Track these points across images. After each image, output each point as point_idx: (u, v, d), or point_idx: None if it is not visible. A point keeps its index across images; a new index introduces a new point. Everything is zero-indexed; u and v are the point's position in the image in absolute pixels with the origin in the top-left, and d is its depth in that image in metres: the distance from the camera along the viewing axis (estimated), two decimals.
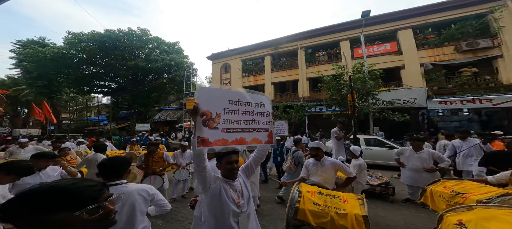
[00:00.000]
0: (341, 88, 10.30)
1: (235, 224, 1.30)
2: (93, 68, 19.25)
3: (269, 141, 1.51)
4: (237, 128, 1.33)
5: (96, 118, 24.95)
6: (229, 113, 1.28)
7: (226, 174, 1.41)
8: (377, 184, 4.08)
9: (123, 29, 18.01)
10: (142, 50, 19.09)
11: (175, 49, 20.59)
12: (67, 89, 22.19)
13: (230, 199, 1.32)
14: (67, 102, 26.32)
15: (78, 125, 24.52)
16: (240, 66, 17.93)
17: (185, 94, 16.03)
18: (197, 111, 1.16)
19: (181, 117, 18.82)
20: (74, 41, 17.52)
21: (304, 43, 16.10)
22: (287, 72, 16.47)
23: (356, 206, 1.97)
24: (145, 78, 20.02)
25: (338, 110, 11.65)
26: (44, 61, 17.58)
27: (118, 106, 22.07)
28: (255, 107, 1.43)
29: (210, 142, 1.18)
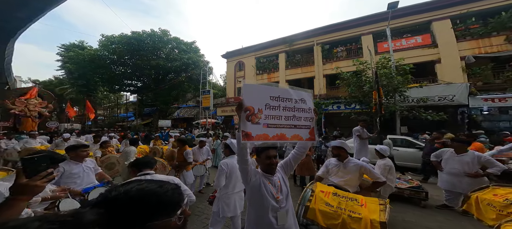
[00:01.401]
0: (363, 85, 9.19)
1: (274, 219, 1.27)
2: (122, 68, 20.43)
3: (310, 138, 1.43)
4: (278, 124, 1.30)
5: (125, 114, 26.94)
6: (270, 109, 1.27)
7: (265, 169, 1.39)
8: (406, 187, 3.72)
9: (147, 31, 18.80)
10: (163, 50, 19.65)
11: (192, 48, 20.86)
12: (101, 88, 23.91)
13: (269, 194, 1.31)
14: (102, 100, 28.73)
15: (111, 121, 26.65)
16: (254, 64, 17.41)
17: (201, 92, 16.14)
18: (242, 107, 1.17)
19: (198, 114, 19.09)
20: (107, 43, 18.78)
21: (320, 39, 14.98)
22: (302, 70, 15.48)
23: (375, 211, 1.78)
24: (166, 77, 20.66)
25: (358, 108, 10.42)
26: (83, 63, 19.09)
27: (143, 103, 23.16)
28: (296, 103, 1.38)
29: (253, 136, 1.19)
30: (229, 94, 18.39)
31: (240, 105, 1.18)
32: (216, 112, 17.91)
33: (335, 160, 2.51)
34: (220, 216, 2.19)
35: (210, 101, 15.14)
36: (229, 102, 17.47)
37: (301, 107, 1.40)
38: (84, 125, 20.97)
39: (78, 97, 22.70)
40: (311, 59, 15.23)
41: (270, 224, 1.27)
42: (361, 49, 13.49)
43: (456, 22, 11.19)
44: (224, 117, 17.60)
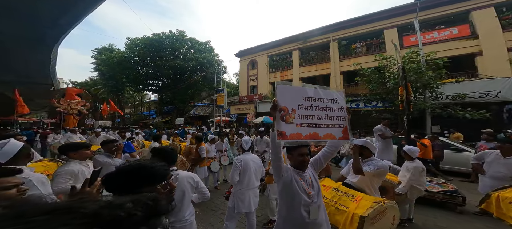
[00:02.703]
0: (386, 81, 8.13)
1: (306, 213, 1.28)
2: (145, 69, 21.05)
3: (344, 136, 1.42)
4: (311, 123, 1.31)
5: (148, 112, 28.42)
6: (303, 109, 1.29)
7: (297, 165, 1.39)
8: (439, 191, 3.37)
9: (165, 32, 19.09)
10: (180, 50, 19.84)
11: (207, 48, 20.78)
12: (128, 87, 25.06)
13: (301, 189, 1.31)
14: (128, 98, 30.66)
15: (136, 118, 28.31)
16: (267, 62, 16.75)
17: (215, 90, 16.13)
18: (276, 107, 1.20)
19: (212, 112, 19.21)
20: (132, 46, 19.46)
21: (337, 35, 13.86)
22: (317, 67, 14.50)
23: (364, 207, 1.70)
24: (183, 76, 20.82)
25: (380, 106, 9.31)
26: (112, 65, 20.07)
27: (163, 102, 23.79)
28: (328, 103, 1.38)
29: (287, 135, 1.21)
30: (242, 93, 18.00)
31: (275, 105, 1.19)
32: (230, 110, 17.78)
33: None
34: (235, 211, 2.22)
35: (224, 99, 14.96)
36: (242, 101, 17.16)
37: (333, 106, 1.38)
38: (114, 122, 22.58)
39: (109, 96, 24.47)
40: (327, 56, 14.18)
41: (302, 218, 1.28)
42: (383, 44, 12.14)
43: (502, 11, 9.39)
44: (237, 115, 17.37)
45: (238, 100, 17.90)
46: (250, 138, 3.35)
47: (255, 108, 15.61)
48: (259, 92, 16.57)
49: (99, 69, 23.11)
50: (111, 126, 18.17)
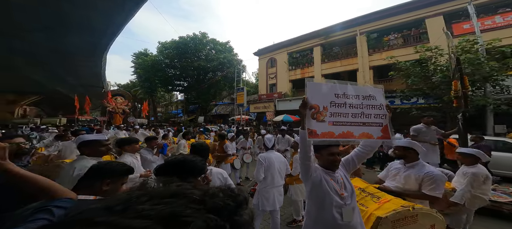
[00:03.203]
0: (431, 75, 6.88)
1: (338, 215, 1.19)
2: (173, 70, 22.18)
3: (383, 136, 1.28)
4: (344, 121, 1.21)
5: (176, 111, 30.62)
6: (335, 106, 1.21)
7: (327, 165, 1.30)
8: (508, 201, 2.80)
9: (190, 35, 19.91)
10: (202, 51, 20.42)
11: (227, 48, 20.93)
12: (159, 88, 26.96)
13: (333, 190, 1.22)
14: (159, 99, 33.57)
15: (166, 117, 30.81)
16: (286, 59, 16.05)
17: (235, 89, 16.29)
18: (306, 105, 1.15)
19: (233, 111, 19.50)
20: (162, 49, 20.77)
21: (365, 28, 12.44)
22: (341, 62, 13.28)
23: (387, 209, 1.42)
24: (205, 76, 21.38)
25: (422, 103, 7.94)
26: (147, 68, 21.64)
27: (188, 101, 25.03)
28: (364, 100, 1.26)
29: (318, 134, 1.15)
30: (261, 91, 17.66)
31: (305, 103, 1.15)
32: (249, 109, 17.77)
33: (399, 162, 1.99)
34: (259, 209, 2.19)
35: (244, 98, 14.87)
36: (261, 99, 16.92)
37: (371, 103, 1.28)
38: (149, 120, 24.95)
39: (145, 97, 27.16)
40: (353, 50, 12.87)
41: (334, 219, 1.19)
42: (424, 34, 10.40)
43: None
44: (257, 114, 17.24)
45: (257, 98, 17.72)
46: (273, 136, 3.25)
47: (275, 106, 15.19)
48: (279, 90, 16.05)
49: (137, 72, 25.41)
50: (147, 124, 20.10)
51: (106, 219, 0.20)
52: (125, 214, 0.21)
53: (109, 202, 0.23)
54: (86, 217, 0.21)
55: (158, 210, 0.21)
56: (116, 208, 0.22)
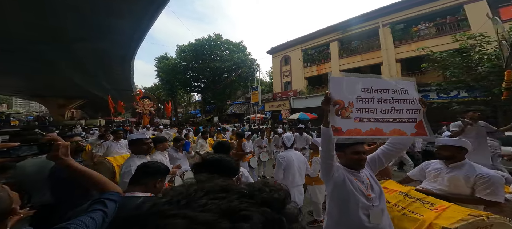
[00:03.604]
0: (476, 65, 5.88)
1: (365, 216, 1.09)
2: (191, 72, 22.70)
3: (418, 132, 1.15)
4: (372, 118, 1.10)
5: (194, 111, 31.93)
6: (362, 101, 1.10)
7: (351, 164, 1.18)
8: None
9: (205, 37, 20.21)
10: (217, 52, 20.62)
11: (240, 48, 20.84)
12: (179, 90, 28.04)
13: (358, 190, 1.11)
14: (179, 100, 35.39)
15: (186, 117, 32.33)
16: (301, 56, 15.35)
17: (250, 89, 16.23)
18: (330, 101, 1.06)
19: (247, 110, 19.50)
20: (180, 52, 21.41)
21: (388, 20, 11.26)
22: (362, 57, 12.22)
23: (452, 218, 1.13)
24: (220, 77, 21.57)
25: (465, 96, 6.81)
26: (168, 71, 22.52)
27: (205, 102, 25.74)
28: (394, 94, 1.13)
29: (343, 131, 1.06)
30: (276, 90, 17.21)
31: (328, 99, 1.05)
32: (264, 107, 17.57)
33: (439, 162, 1.75)
34: None
35: (258, 97, 14.66)
36: (276, 98, 16.54)
37: (402, 98, 1.14)
38: (171, 120, 26.45)
39: (167, 98, 28.88)
40: (375, 43, 11.75)
41: (360, 221, 1.08)
42: (464, 21, 9.06)
43: None
44: (272, 112, 16.95)
45: (272, 97, 17.42)
46: (291, 134, 3.09)
47: (290, 104, 14.72)
48: (294, 88, 15.48)
49: (159, 75, 27.03)
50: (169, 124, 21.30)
51: (178, 211, 0.21)
52: (192, 208, 0.21)
53: (173, 197, 0.23)
54: (161, 210, 0.22)
55: (217, 204, 0.21)
56: (182, 202, 0.22)
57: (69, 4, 5.37)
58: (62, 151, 0.75)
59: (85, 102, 23.07)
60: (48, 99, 18.92)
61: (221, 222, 0.19)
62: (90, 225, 0.63)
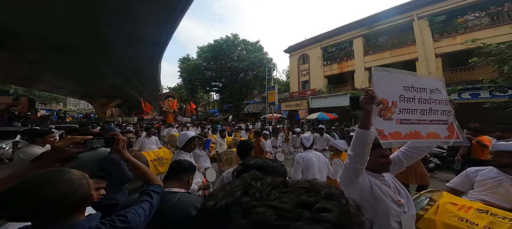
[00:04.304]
0: None
1: (397, 224, 0.95)
2: (210, 72, 22.94)
3: (450, 135, 1.03)
4: (412, 119, 0.98)
5: (212, 110, 32.91)
6: (404, 101, 0.97)
7: (376, 168, 1.05)
8: None
9: (223, 37, 20.26)
10: (235, 52, 20.48)
11: (257, 47, 20.46)
12: (199, 90, 28.94)
13: (388, 196, 0.97)
14: (199, 99, 36.81)
15: (205, 116, 33.46)
16: (320, 54, 14.28)
17: (266, 88, 15.89)
18: (373, 99, 0.89)
19: (264, 109, 19.22)
20: (201, 53, 21.84)
21: (425, 12, 9.73)
22: (392, 53, 10.81)
23: None
24: (238, 76, 21.42)
25: None
26: (190, 71, 23.21)
27: (223, 101, 25.98)
28: (431, 94, 1.03)
29: (386, 134, 0.91)
30: (293, 89, 16.38)
31: (371, 97, 0.88)
32: (280, 107, 17.07)
33: (493, 170, 1.48)
34: None
35: (275, 96, 14.15)
36: (293, 97, 15.89)
37: (438, 98, 1.04)
38: (192, 119, 27.67)
39: (189, 98, 30.29)
40: (409, 38, 10.27)
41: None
42: None
43: None
44: (288, 112, 16.36)
45: (288, 96, 16.78)
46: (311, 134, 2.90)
47: (308, 104, 13.95)
48: (312, 87, 14.60)
49: (182, 76, 28.43)
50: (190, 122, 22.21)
51: (258, 202, 0.20)
52: (269, 199, 0.21)
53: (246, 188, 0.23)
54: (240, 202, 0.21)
55: (290, 197, 0.21)
56: (256, 195, 0.22)
57: (112, 18, 5.83)
58: (121, 145, 0.86)
59: (121, 102, 25.47)
60: (94, 99, 21.42)
61: (303, 212, 0.19)
62: (141, 214, 0.71)
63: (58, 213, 0.57)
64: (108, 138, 0.86)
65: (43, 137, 2.07)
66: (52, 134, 2.25)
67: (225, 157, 3.54)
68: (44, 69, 10.75)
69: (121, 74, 12.76)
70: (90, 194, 0.64)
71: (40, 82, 14.88)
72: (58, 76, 12.56)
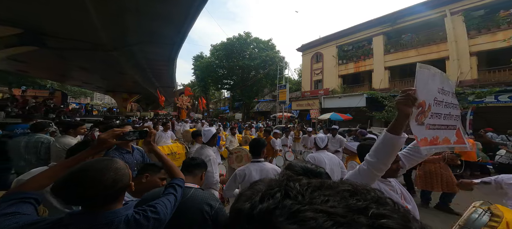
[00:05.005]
0: None
1: None
2: (222, 70, 22.91)
3: (458, 141, 0.97)
4: (437, 124, 0.89)
5: (223, 107, 33.19)
6: (437, 105, 0.87)
7: (387, 173, 0.94)
8: None
9: (236, 35, 19.95)
10: (247, 51, 20.09)
11: (269, 46, 19.95)
12: (211, 87, 29.01)
13: None
14: (211, 96, 37.37)
15: (216, 113, 33.89)
16: (335, 53, 13.50)
17: (278, 86, 15.47)
18: (415, 101, 0.74)
19: (274, 108, 18.82)
20: (214, 51, 21.82)
21: (459, 7, 8.58)
22: (418, 51, 9.72)
23: None
24: (249, 75, 21.08)
25: None
26: (203, 69, 23.30)
27: (234, 99, 26.08)
28: (452, 97, 0.94)
29: (418, 140, 0.81)
30: (305, 88, 15.68)
31: (414, 99, 0.73)
32: (291, 106, 16.56)
33: None
34: None
35: (286, 95, 13.71)
36: (305, 96, 15.30)
37: (455, 102, 0.96)
38: (203, 115, 28.20)
39: (201, 95, 30.84)
40: (439, 34, 9.17)
41: None
42: None
43: None
44: (299, 111, 15.80)
45: (300, 95, 16.20)
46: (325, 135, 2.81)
47: (320, 104, 13.30)
48: (325, 86, 13.88)
49: (196, 73, 28.97)
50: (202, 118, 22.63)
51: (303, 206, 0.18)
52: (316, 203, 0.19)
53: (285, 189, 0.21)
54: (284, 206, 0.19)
55: (339, 201, 0.19)
56: (298, 198, 0.20)
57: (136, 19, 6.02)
58: (153, 138, 0.92)
59: (140, 97, 26.74)
60: (116, 94, 22.72)
61: (359, 218, 0.17)
62: (168, 206, 0.75)
63: (106, 199, 0.62)
64: (142, 131, 0.88)
65: (75, 128, 2.25)
66: (83, 126, 2.44)
67: (235, 154, 3.45)
68: (75, 66, 11.53)
69: (141, 71, 13.22)
70: (130, 183, 0.68)
71: (71, 78, 16.06)
72: (87, 73, 13.40)
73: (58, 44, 7.50)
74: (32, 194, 0.62)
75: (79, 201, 0.61)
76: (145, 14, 5.89)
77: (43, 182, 0.66)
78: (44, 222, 0.57)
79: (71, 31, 6.61)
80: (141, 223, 0.65)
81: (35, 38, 6.73)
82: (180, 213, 0.87)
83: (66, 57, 9.51)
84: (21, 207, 0.58)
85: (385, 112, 8.09)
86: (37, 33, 6.57)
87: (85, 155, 0.74)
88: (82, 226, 0.58)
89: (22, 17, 5.56)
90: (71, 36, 6.95)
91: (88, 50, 8.09)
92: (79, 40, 7.29)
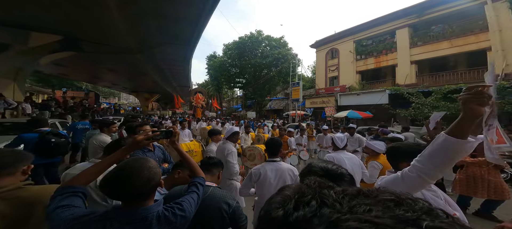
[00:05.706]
0: None
1: None
2: (234, 69, 22.83)
3: (499, 140, 0.89)
4: (493, 124, 0.82)
5: (236, 106, 33.47)
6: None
7: None
8: None
9: (247, 34, 19.77)
10: (258, 49, 19.83)
11: (281, 43, 19.45)
12: (224, 86, 29.27)
13: None
14: (224, 95, 37.92)
15: (229, 111, 34.36)
16: (353, 48, 12.64)
17: (291, 84, 15.09)
18: (490, 99, 0.64)
19: (287, 106, 18.45)
20: (226, 50, 21.85)
21: None
22: (452, 42, 8.63)
23: None
24: (261, 73, 20.82)
25: None
26: (216, 68, 23.57)
27: (246, 97, 25.79)
28: (494, 91, 0.78)
29: (494, 143, 0.80)
30: (320, 85, 14.99)
31: (488, 96, 0.63)
32: (305, 104, 16.06)
33: None
34: None
35: (299, 93, 13.21)
36: (319, 94, 14.70)
37: (495, 96, 0.84)
38: (217, 114, 28.80)
39: (214, 94, 31.46)
40: (478, 24, 8.06)
41: None
42: None
43: None
44: (313, 109, 15.27)
45: (314, 93, 15.62)
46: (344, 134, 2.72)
47: (336, 101, 12.66)
48: (341, 83, 13.18)
49: (209, 72, 29.06)
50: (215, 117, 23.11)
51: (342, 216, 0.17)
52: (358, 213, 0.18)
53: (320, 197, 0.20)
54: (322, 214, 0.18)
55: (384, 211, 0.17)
56: (336, 206, 0.19)
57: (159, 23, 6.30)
58: (177, 138, 0.98)
59: (159, 97, 28.26)
60: (139, 94, 24.33)
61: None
62: (192, 204, 0.78)
63: (140, 196, 0.66)
64: (168, 131, 0.92)
65: (109, 127, 2.37)
66: (115, 125, 2.57)
67: (248, 153, 3.47)
68: (105, 68, 12.55)
69: (161, 71, 13.90)
70: (161, 181, 0.72)
71: (102, 79, 17.53)
72: (115, 74, 14.51)
73: (92, 49, 8.19)
74: (80, 188, 0.67)
75: (118, 196, 0.66)
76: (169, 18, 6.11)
77: (89, 177, 0.72)
78: (94, 215, 0.62)
79: (103, 37, 7.09)
80: (170, 219, 0.68)
81: (73, 43, 7.40)
82: (200, 212, 0.88)
83: (98, 61, 10.30)
84: (73, 200, 0.63)
85: (412, 110, 7.38)
86: (75, 39, 7.16)
87: (123, 153, 0.78)
88: (122, 219, 0.62)
89: (63, 25, 6.10)
90: (103, 41, 7.48)
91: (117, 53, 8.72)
92: (110, 45, 7.87)
